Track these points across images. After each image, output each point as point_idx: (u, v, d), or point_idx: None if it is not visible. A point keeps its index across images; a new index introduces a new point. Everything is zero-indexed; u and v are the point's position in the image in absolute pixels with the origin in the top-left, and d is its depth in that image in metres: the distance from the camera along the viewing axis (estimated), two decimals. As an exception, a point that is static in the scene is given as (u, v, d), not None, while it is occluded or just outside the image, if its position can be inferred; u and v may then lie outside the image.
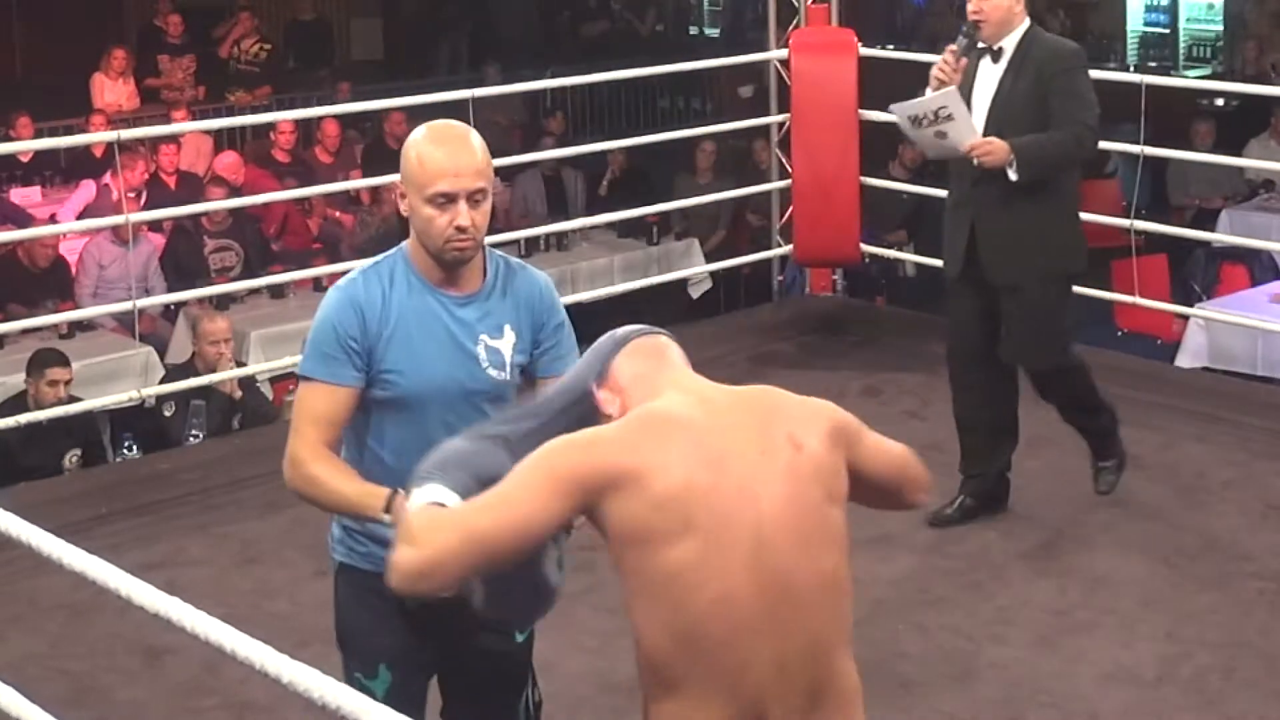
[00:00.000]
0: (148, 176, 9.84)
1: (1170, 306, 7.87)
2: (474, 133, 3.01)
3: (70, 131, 10.25)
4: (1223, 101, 12.33)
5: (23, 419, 6.20)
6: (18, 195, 10.36)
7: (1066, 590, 5.01)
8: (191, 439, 6.87)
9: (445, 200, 2.92)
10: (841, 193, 7.37)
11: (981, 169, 5.09)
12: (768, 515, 2.40)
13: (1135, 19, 15.64)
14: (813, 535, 2.42)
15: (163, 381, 7.34)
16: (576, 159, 10.67)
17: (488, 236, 3.04)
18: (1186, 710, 4.34)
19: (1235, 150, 10.22)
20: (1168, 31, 15.42)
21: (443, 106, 10.08)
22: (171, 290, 8.50)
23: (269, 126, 10.92)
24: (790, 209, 7.76)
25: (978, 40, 5.17)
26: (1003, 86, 5.15)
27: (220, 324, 7.13)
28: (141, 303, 7.00)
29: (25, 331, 7.56)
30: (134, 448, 6.97)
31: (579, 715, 4.36)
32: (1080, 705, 4.37)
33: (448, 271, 3.00)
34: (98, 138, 9.44)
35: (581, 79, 8.86)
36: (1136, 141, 6.98)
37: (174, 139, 10.31)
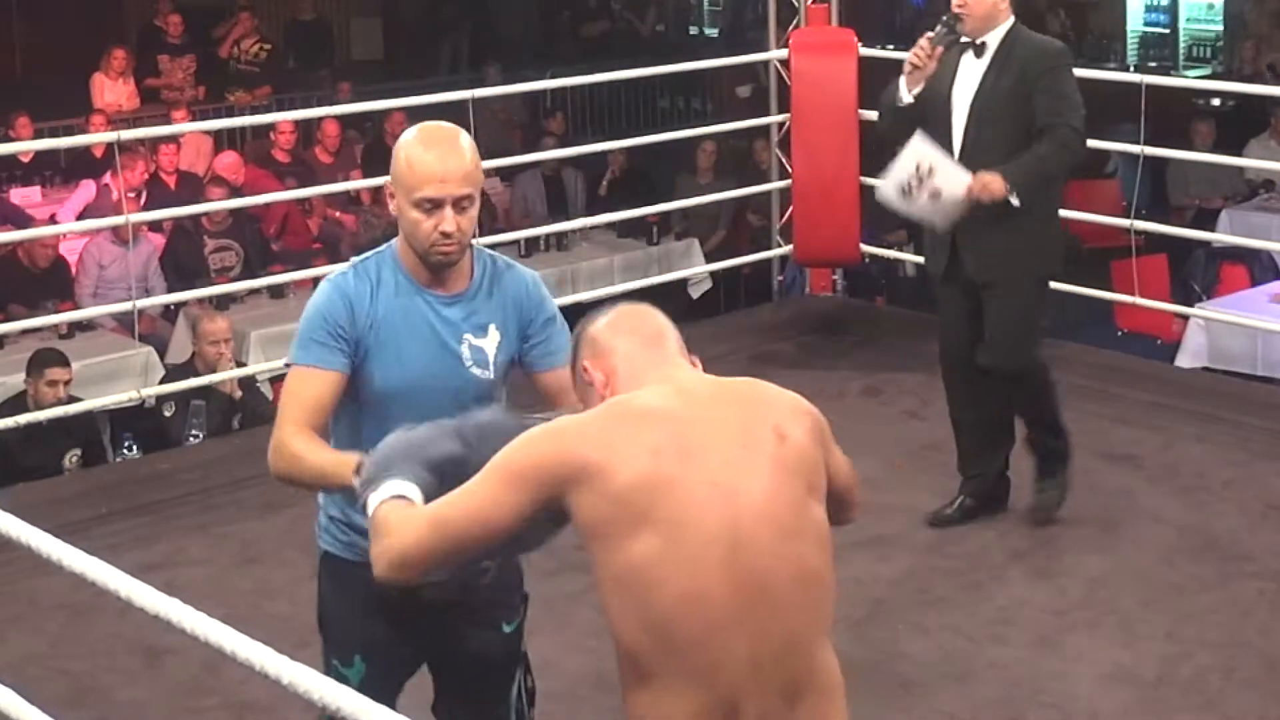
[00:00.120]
0: (148, 176, 9.85)
1: (1170, 306, 7.88)
2: (464, 135, 3.02)
3: (70, 131, 10.25)
4: (1219, 101, 12.31)
5: (23, 419, 6.20)
6: (18, 195, 10.36)
7: (1066, 590, 5.01)
8: (191, 439, 6.87)
9: (432, 205, 2.94)
10: (841, 193, 7.37)
11: (964, 163, 5.06)
12: (746, 510, 2.39)
13: (1135, 19, 15.64)
14: (792, 530, 2.41)
15: (163, 381, 7.35)
16: (576, 159, 10.67)
17: (487, 237, 3.06)
18: (1186, 710, 4.34)
19: (1235, 150, 10.22)
20: (1168, 31, 15.42)
21: (443, 106, 10.11)
22: (171, 290, 8.50)
23: (269, 126, 10.91)
24: (790, 209, 7.77)
25: (959, 33, 5.13)
26: (985, 82, 5.11)
27: (220, 324, 7.13)
28: (141, 303, 7.00)
29: (25, 331, 7.56)
30: (134, 448, 6.97)
31: (579, 715, 4.36)
32: (1080, 705, 4.37)
33: (434, 273, 3.03)
34: (98, 138, 9.44)
35: (581, 79, 8.86)
36: (1136, 141, 6.98)
37: (174, 139, 10.31)
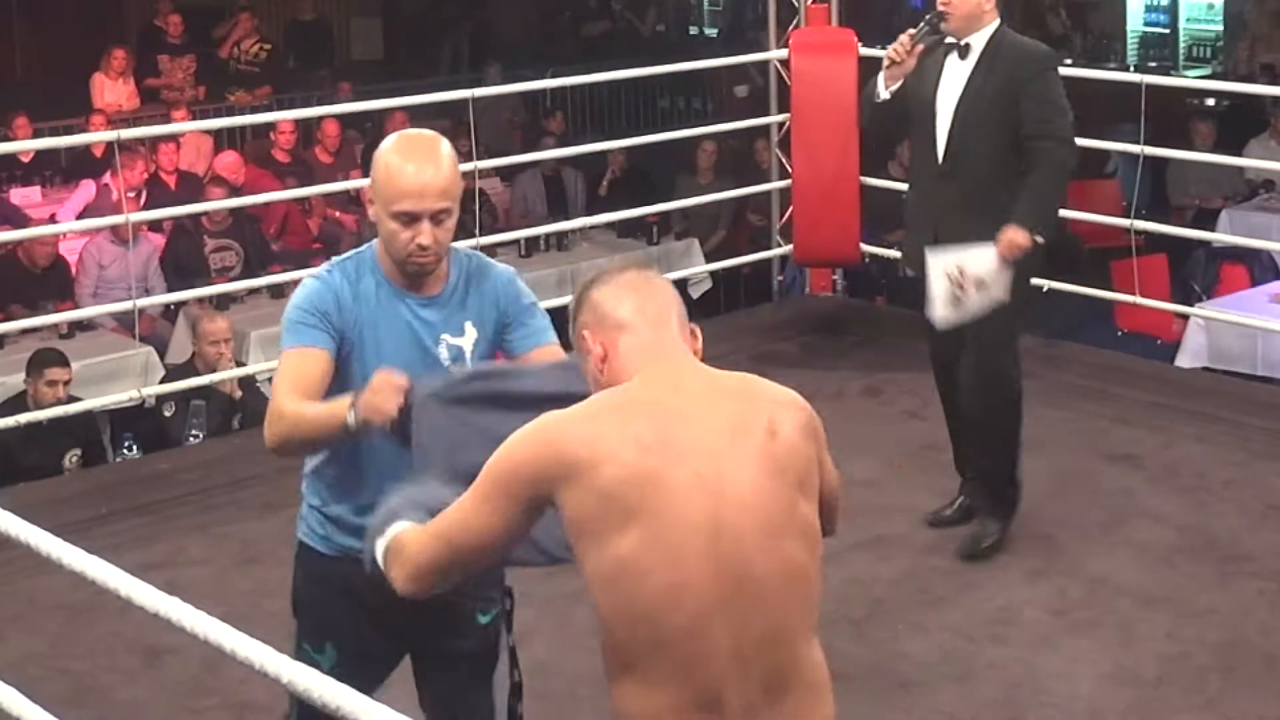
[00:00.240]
0: (147, 176, 9.85)
1: (1170, 306, 7.87)
2: (444, 145, 3.06)
3: (70, 131, 10.24)
4: (1214, 101, 12.29)
5: (23, 419, 6.20)
6: (18, 195, 10.35)
7: (1066, 590, 5.01)
8: (191, 439, 6.87)
9: (409, 218, 2.98)
10: (841, 193, 7.37)
11: (948, 165, 5.06)
12: (731, 503, 2.38)
13: (1135, 19, 15.64)
14: (778, 524, 2.41)
15: (163, 381, 7.34)
16: (576, 159, 10.67)
17: (487, 237, 3.08)
18: (1186, 710, 4.34)
19: (1235, 150, 10.22)
20: (1168, 31, 15.42)
21: (443, 106, 10.12)
22: (171, 290, 8.50)
23: (269, 126, 10.92)
24: (790, 209, 7.77)
25: (943, 32, 5.09)
26: (971, 84, 5.07)
27: (220, 324, 7.13)
28: (141, 303, 7.00)
29: (25, 331, 7.56)
30: (134, 448, 6.97)
31: (579, 715, 4.36)
32: (1080, 705, 4.37)
33: (410, 279, 3.07)
34: (98, 138, 9.44)
35: (581, 79, 8.87)
36: (1136, 141, 6.98)
37: (174, 139, 10.31)
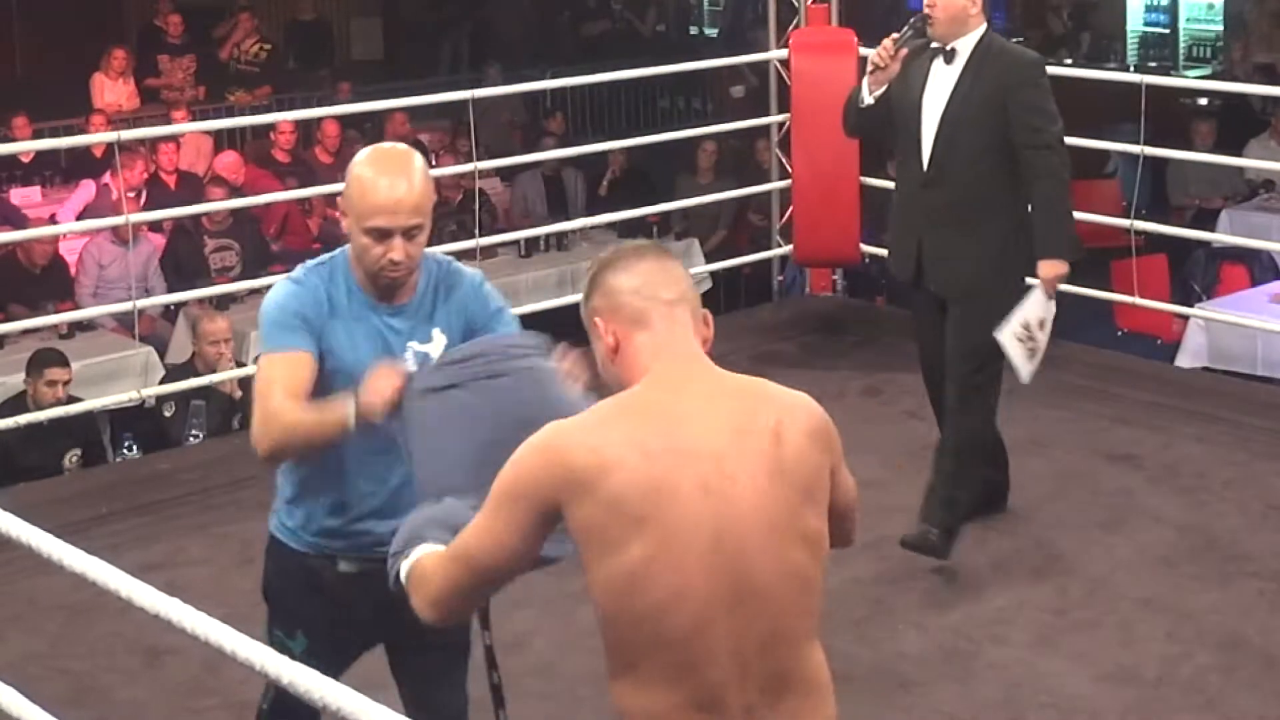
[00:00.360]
0: (147, 176, 9.85)
1: (1170, 306, 7.87)
2: (417, 160, 3.08)
3: (70, 131, 10.26)
4: (1206, 100, 12.29)
5: (23, 419, 6.20)
6: (18, 195, 10.36)
7: (1066, 590, 5.00)
8: (191, 439, 6.87)
9: (381, 234, 3.01)
10: (841, 193, 7.37)
11: (933, 172, 5.00)
12: (735, 508, 2.38)
13: (1135, 19, 15.64)
14: (781, 529, 2.41)
15: (163, 381, 7.35)
16: (576, 159, 10.67)
17: (487, 237, 3.10)
18: (1186, 710, 4.34)
19: (1235, 150, 10.22)
20: (1168, 31, 15.42)
21: (443, 107, 10.11)
22: (171, 290, 8.50)
23: (269, 126, 10.92)
24: (790, 209, 7.77)
25: (928, 36, 5.03)
26: (959, 91, 5.00)
27: (220, 324, 7.13)
28: (141, 303, 7.01)
29: (25, 331, 7.56)
30: (134, 448, 6.97)
31: (579, 715, 4.36)
32: (1080, 705, 4.37)
33: (381, 290, 3.11)
34: (98, 138, 9.44)
35: (581, 79, 8.87)
36: (1136, 141, 6.98)
37: (174, 139, 10.31)
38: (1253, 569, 5.09)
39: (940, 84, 5.03)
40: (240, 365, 7.41)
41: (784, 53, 7.67)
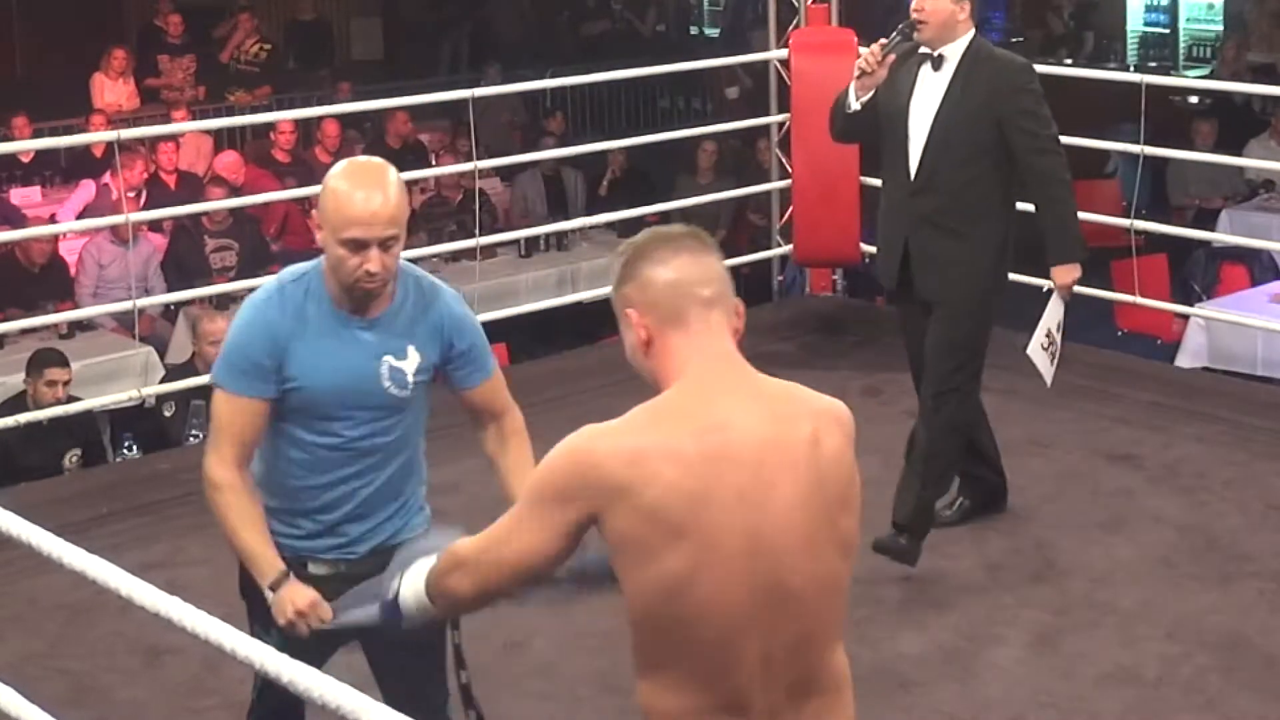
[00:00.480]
0: (147, 176, 9.85)
1: (1170, 306, 7.87)
2: (392, 173, 3.11)
3: (70, 131, 10.25)
4: (1196, 99, 12.29)
5: (23, 419, 6.20)
6: (18, 195, 10.36)
7: (1066, 590, 5.00)
8: (191, 439, 6.87)
9: (357, 246, 3.04)
10: (841, 193, 7.37)
11: (920, 180, 4.96)
12: (770, 517, 2.37)
13: (1135, 19, 15.65)
14: (817, 538, 2.40)
15: (163, 381, 7.34)
16: (576, 159, 10.67)
17: (487, 237, 3.11)
18: (1186, 710, 4.34)
19: (1235, 150, 10.22)
20: (1168, 31, 15.42)
21: (443, 106, 10.10)
22: (172, 290, 8.50)
23: (269, 126, 10.91)
24: (790, 209, 7.77)
25: (915, 42, 4.98)
26: (949, 98, 4.95)
27: (220, 324, 7.12)
28: (141, 303, 7.01)
29: (25, 331, 7.56)
30: (134, 448, 6.97)
31: (579, 715, 4.36)
32: (1080, 705, 4.37)
33: (356, 302, 3.14)
34: (98, 138, 9.44)
35: (581, 79, 8.87)
36: (1136, 141, 6.98)
37: (174, 139, 10.32)
38: (1253, 569, 5.09)
39: (929, 91, 4.98)
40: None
41: (784, 53, 7.68)
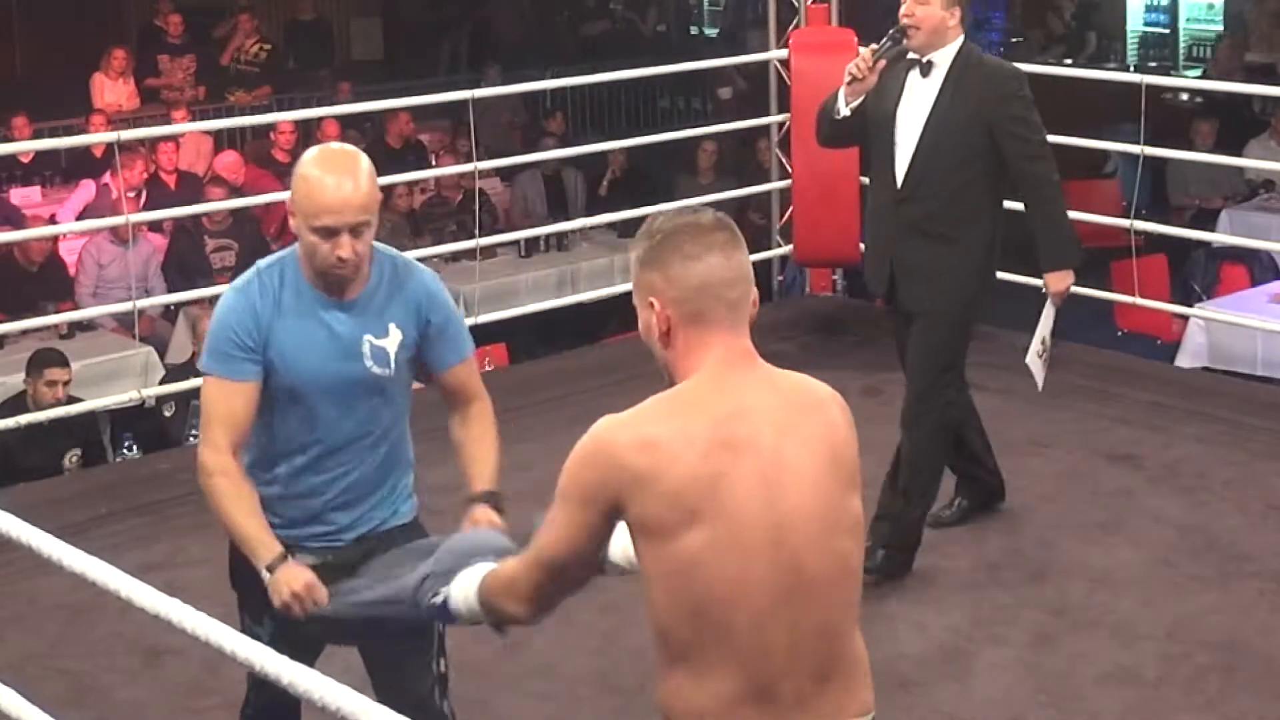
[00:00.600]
0: (147, 176, 9.85)
1: (1170, 306, 7.87)
2: (364, 160, 3.15)
3: (70, 131, 10.26)
4: (1187, 96, 12.30)
5: (23, 419, 6.20)
6: (18, 195, 10.36)
7: (1066, 590, 5.00)
8: (191, 439, 6.87)
9: (329, 232, 3.08)
10: (841, 193, 7.36)
11: (908, 188, 4.92)
12: (790, 500, 2.42)
13: (1135, 19, 15.65)
14: (833, 522, 2.46)
15: (163, 381, 7.35)
16: (576, 159, 10.67)
17: (488, 237, 3.11)
18: (1186, 710, 4.34)
19: (1235, 150, 10.22)
20: (1168, 31, 15.42)
21: (443, 107, 10.10)
22: (172, 290, 8.50)
23: (269, 126, 10.92)
24: (790, 209, 7.77)
25: (906, 47, 4.92)
26: (939, 105, 4.90)
27: (220, 324, 7.12)
28: (141, 303, 7.00)
29: (25, 331, 7.56)
30: (134, 448, 6.97)
31: (579, 715, 4.36)
32: (1080, 705, 4.37)
33: (330, 286, 3.17)
34: (98, 138, 9.44)
35: (581, 79, 8.87)
36: (1136, 141, 6.98)
37: (174, 139, 10.32)
38: (1253, 569, 5.09)
39: (918, 98, 4.93)
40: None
41: (784, 53, 7.68)
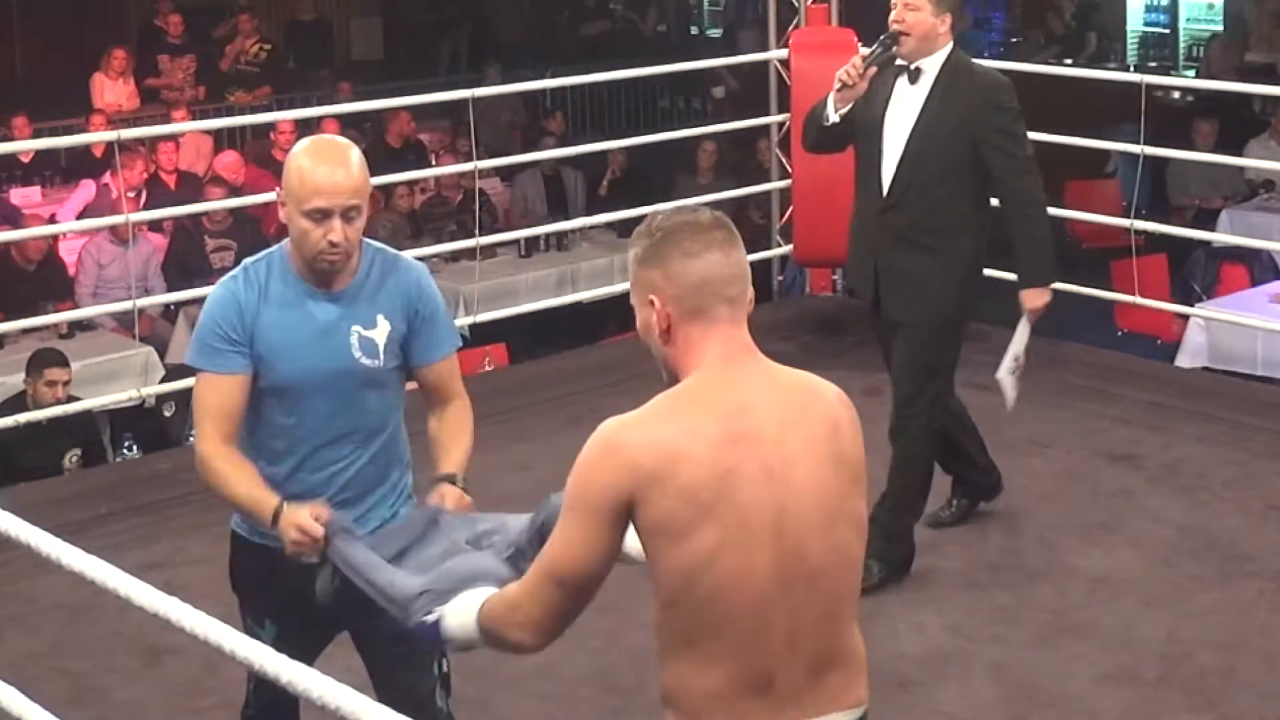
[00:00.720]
0: (147, 176, 9.85)
1: (1170, 306, 7.88)
2: (355, 150, 3.19)
3: (70, 131, 10.26)
4: (1179, 95, 12.29)
5: (23, 419, 6.20)
6: (18, 195, 10.36)
7: (1066, 590, 5.00)
8: (191, 439, 6.84)
9: (321, 215, 3.10)
10: (841, 193, 7.29)
11: (894, 196, 4.89)
12: (794, 492, 2.43)
13: (1135, 19, 15.65)
14: (835, 514, 2.47)
15: (163, 381, 7.35)
16: (576, 159, 10.67)
17: (488, 237, 3.11)
18: (1186, 710, 4.34)
19: (1235, 150, 10.22)
20: (1168, 31, 15.42)
21: (443, 106, 10.09)
22: (172, 290, 8.50)
23: (269, 126, 10.92)
24: (790, 209, 7.77)
25: (895, 53, 4.89)
26: (926, 113, 4.86)
27: (220, 324, 7.12)
28: (141, 303, 7.00)
29: (25, 331, 7.56)
30: (134, 448, 6.97)
31: (579, 715, 4.36)
32: (1080, 705, 4.37)
33: (319, 276, 3.19)
34: (98, 138, 9.45)
35: (581, 79, 8.87)
36: (1136, 141, 6.98)
37: (174, 139, 10.32)
38: (1253, 569, 5.09)
39: (905, 105, 4.90)
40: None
41: (784, 53, 7.68)
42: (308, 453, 3.22)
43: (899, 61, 4.91)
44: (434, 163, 10.87)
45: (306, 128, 11.13)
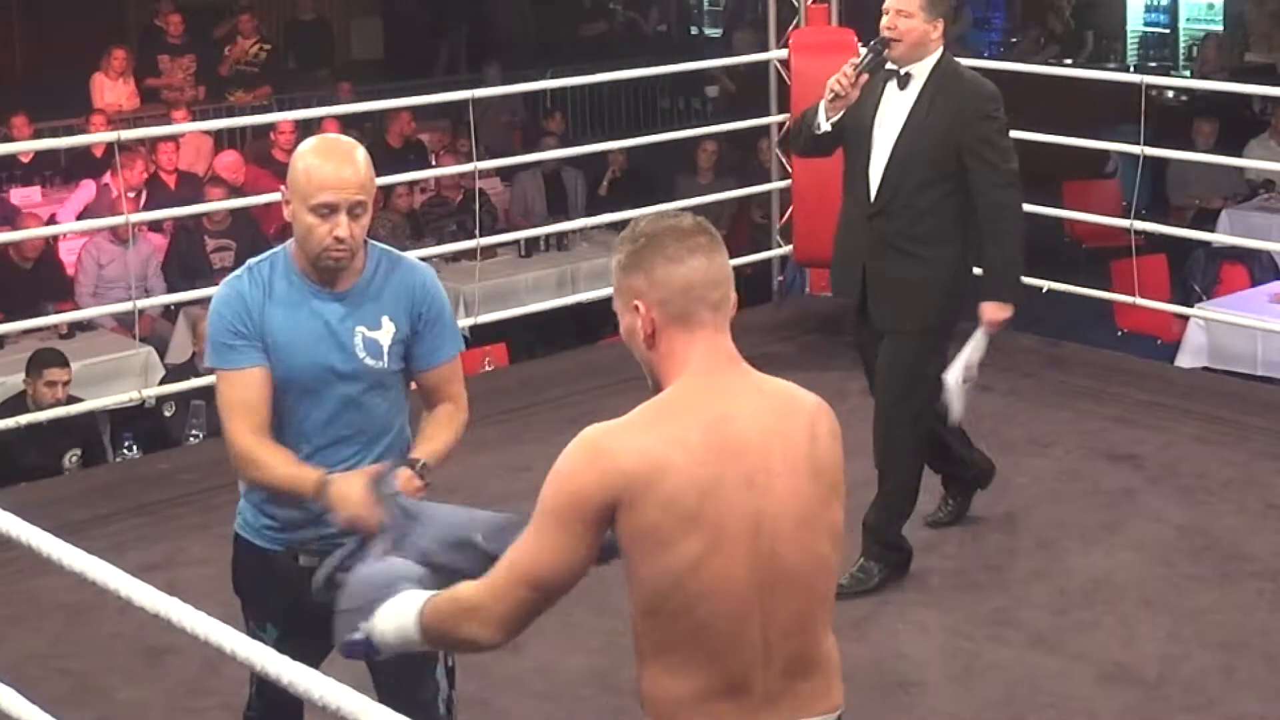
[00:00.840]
0: (147, 176, 9.85)
1: (1170, 306, 7.88)
2: (360, 149, 3.21)
3: (70, 131, 10.25)
4: (1173, 94, 12.29)
5: (23, 419, 6.20)
6: (17, 195, 10.36)
7: (1066, 590, 5.00)
8: (191, 439, 6.87)
9: (328, 211, 3.12)
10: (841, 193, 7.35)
11: (881, 202, 4.87)
12: (773, 501, 2.44)
13: (1135, 19, 15.65)
14: (811, 522, 2.48)
15: (163, 382, 7.35)
16: (576, 159, 10.67)
17: (488, 237, 3.11)
18: (1186, 710, 4.34)
19: (1235, 150, 10.22)
20: (1168, 31, 15.43)
21: (443, 106, 10.09)
22: (172, 290, 8.50)
23: (269, 126, 10.92)
24: (790, 209, 7.77)
25: (886, 59, 4.87)
26: (914, 118, 4.85)
27: (220, 324, 7.12)
28: (141, 303, 7.00)
29: (25, 331, 7.56)
30: (134, 448, 6.97)
31: (579, 715, 4.36)
32: (1080, 705, 4.37)
33: (324, 274, 3.19)
34: (98, 138, 9.44)
35: (581, 79, 8.87)
36: (1136, 141, 6.98)
37: (174, 139, 10.32)
38: (1253, 569, 5.09)
39: (895, 110, 4.89)
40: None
41: (784, 53, 7.67)
42: (310, 453, 3.21)
43: (889, 66, 4.90)
44: (434, 163, 10.87)
45: (306, 128, 11.14)
